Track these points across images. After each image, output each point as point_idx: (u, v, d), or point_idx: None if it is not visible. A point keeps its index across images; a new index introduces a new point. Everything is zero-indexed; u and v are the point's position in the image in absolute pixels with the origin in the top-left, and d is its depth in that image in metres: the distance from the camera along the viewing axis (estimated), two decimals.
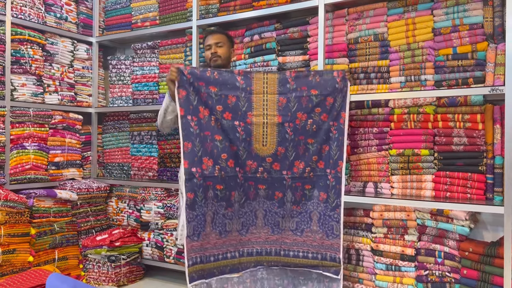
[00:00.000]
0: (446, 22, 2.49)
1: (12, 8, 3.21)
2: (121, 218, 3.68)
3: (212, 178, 2.42)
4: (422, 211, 2.52)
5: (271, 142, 2.49)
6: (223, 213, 2.47)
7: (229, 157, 2.45)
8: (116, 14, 3.84)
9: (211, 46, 2.68)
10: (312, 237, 2.54)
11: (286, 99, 2.49)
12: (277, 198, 2.54)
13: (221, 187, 2.44)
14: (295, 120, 2.49)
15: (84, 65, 3.83)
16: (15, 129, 3.22)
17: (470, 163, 2.42)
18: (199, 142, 2.39)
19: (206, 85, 2.42)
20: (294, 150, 2.51)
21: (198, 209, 2.37)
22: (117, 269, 3.21)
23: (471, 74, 2.41)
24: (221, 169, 2.44)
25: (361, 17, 2.75)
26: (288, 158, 2.51)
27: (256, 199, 2.55)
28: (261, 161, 2.50)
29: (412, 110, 2.58)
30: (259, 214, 2.56)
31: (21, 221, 2.92)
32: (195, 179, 2.36)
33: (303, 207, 2.56)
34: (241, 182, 2.50)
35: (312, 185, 2.54)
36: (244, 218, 2.54)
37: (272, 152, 2.50)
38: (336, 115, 2.51)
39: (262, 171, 2.52)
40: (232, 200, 2.49)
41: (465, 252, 2.33)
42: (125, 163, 3.81)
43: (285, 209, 2.55)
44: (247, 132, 2.47)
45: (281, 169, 2.52)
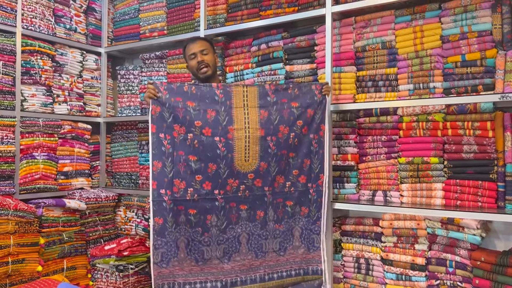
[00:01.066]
0: (455, 29, 2.48)
1: (22, 20, 3.25)
2: (129, 227, 3.68)
3: (184, 201, 2.29)
4: (432, 219, 2.49)
5: (254, 157, 2.39)
6: (199, 240, 2.34)
7: (205, 178, 2.32)
8: (125, 25, 3.88)
9: (196, 55, 2.58)
10: (294, 253, 2.51)
11: (267, 112, 2.41)
12: (259, 218, 2.44)
13: (194, 211, 2.31)
14: (277, 133, 2.42)
15: (93, 75, 3.87)
16: (25, 139, 3.25)
17: (480, 171, 2.39)
18: (170, 163, 2.26)
19: (183, 101, 2.30)
20: (276, 164, 2.43)
21: (168, 235, 2.24)
22: (125, 279, 3.20)
23: (480, 82, 2.39)
24: (195, 192, 2.31)
25: (369, 25, 2.75)
26: (271, 173, 2.43)
27: (239, 223, 2.42)
28: (243, 178, 2.39)
29: (421, 118, 2.56)
30: (243, 239, 2.44)
31: (30, 231, 2.93)
32: (164, 202, 2.23)
33: (285, 225, 2.50)
34: (221, 204, 2.37)
35: (294, 201, 2.49)
36: (225, 245, 2.40)
37: (255, 168, 2.40)
38: (316, 128, 2.49)
39: (244, 189, 2.40)
40: (208, 224, 2.35)
41: (477, 262, 2.30)
42: (133, 172, 3.82)
43: (267, 230, 2.47)
44: (228, 148, 2.34)
45: (263, 185, 2.43)
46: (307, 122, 2.48)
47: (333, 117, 2.79)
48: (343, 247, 2.78)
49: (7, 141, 3.11)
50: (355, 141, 2.79)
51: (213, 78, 2.64)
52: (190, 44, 2.63)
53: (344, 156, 2.80)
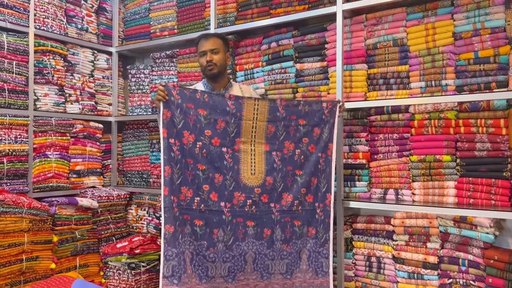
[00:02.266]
0: (467, 26, 2.46)
1: (35, 20, 3.29)
2: (141, 225, 3.70)
3: (190, 210, 2.21)
4: (444, 218, 2.48)
5: (259, 171, 2.36)
6: (204, 254, 2.23)
7: (211, 188, 2.27)
8: (135, 24, 3.90)
9: (206, 53, 2.53)
10: (301, 277, 2.41)
11: (274, 127, 2.40)
12: (266, 237, 2.35)
13: (200, 223, 2.23)
14: (283, 149, 2.40)
15: (104, 74, 3.90)
16: (38, 138, 3.28)
17: (494, 169, 2.37)
18: (179, 169, 2.20)
19: (195, 108, 2.27)
20: (282, 181, 2.40)
21: (178, 246, 2.13)
22: (137, 276, 3.23)
23: (493, 79, 2.37)
24: (201, 201, 2.24)
25: (380, 22, 2.74)
26: (277, 189, 2.39)
27: (245, 240, 2.32)
28: (249, 192, 2.34)
29: (433, 116, 2.54)
30: (249, 258, 2.32)
31: (44, 229, 2.97)
32: (173, 209, 2.15)
33: (293, 246, 2.41)
34: (228, 218, 2.28)
35: (302, 221, 2.42)
36: (231, 263, 2.28)
37: (261, 182, 2.36)
38: (323, 147, 2.46)
39: (251, 204, 2.33)
40: (214, 238, 2.25)
41: (490, 260, 2.28)
42: (144, 171, 3.84)
43: (274, 250, 2.37)
44: (235, 160, 2.31)
45: (269, 201, 2.37)
46: (313, 140, 2.45)
47: (344, 116, 2.79)
48: (354, 245, 2.77)
49: (21, 141, 3.15)
50: (366, 140, 2.77)
51: (220, 77, 2.62)
52: (203, 40, 2.58)
53: (355, 154, 2.79)
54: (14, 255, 2.77)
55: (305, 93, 2.99)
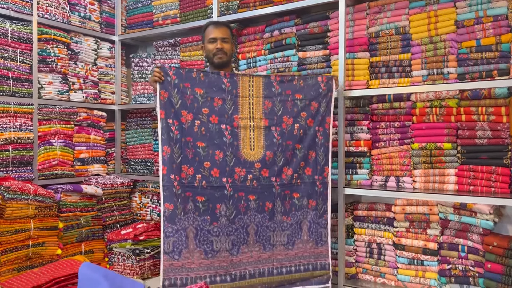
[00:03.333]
0: (469, 14, 2.46)
1: (38, 8, 3.30)
2: (145, 212, 3.75)
3: (192, 188, 2.25)
4: (445, 205, 2.51)
5: (259, 146, 2.40)
6: (208, 229, 2.28)
7: (213, 165, 2.31)
8: (138, 13, 3.90)
9: (216, 40, 2.54)
10: (303, 247, 2.49)
11: (271, 103, 2.44)
12: (268, 210, 2.42)
13: (202, 199, 2.27)
14: (281, 124, 2.43)
15: (107, 63, 3.91)
16: (42, 126, 3.32)
17: (494, 156, 2.39)
18: (178, 149, 2.24)
19: (191, 87, 2.30)
20: (282, 155, 2.43)
21: (178, 223, 2.18)
22: (142, 262, 3.28)
23: (495, 67, 2.38)
24: (203, 178, 2.28)
25: (382, 10, 2.74)
26: (277, 164, 2.43)
27: (247, 213, 2.38)
28: (249, 167, 2.38)
29: (434, 104, 2.56)
30: (251, 230, 2.39)
31: (50, 215, 3.01)
32: (173, 187, 2.20)
33: (293, 217, 2.47)
34: (230, 193, 2.34)
35: (301, 193, 2.48)
36: (234, 236, 2.34)
37: (261, 157, 2.40)
38: (321, 121, 2.50)
39: (251, 178, 2.38)
40: (217, 213, 2.30)
41: (489, 246, 2.32)
42: (148, 159, 3.88)
43: (275, 221, 2.44)
44: (234, 136, 2.35)
45: (270, 175, 2.42)
46: (311, 114, 2.49)
47: (346, 104, 2.80)
48: (355, 232, 2.81)
49: (26, 128, 3.18)
50: (368, 128, 2.80)
51: (226, 66, 2.64)
52: (213, 28, 2.57)
53: (357, 142, 2.81)
54: (20, 241, 2.82)
55: None
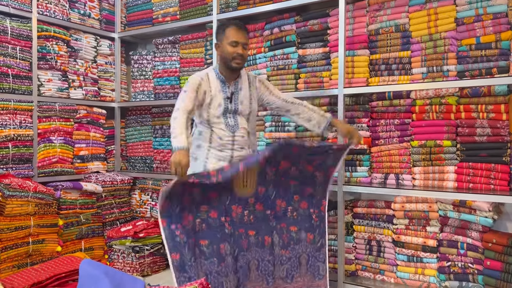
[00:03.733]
0: (469, 11, 2.46)
1: (38, 5, 3.29)
2: (144, 210, 3.76)
3: (194, 233, 2.17)
4: (444, 202, 2.51)
5: (251, 185, 2.33)
6: (217, 271, 2.19)
7: (210, 208, 2.24)
8: (138, 10, 3.90)
9: (238, 44, 2.36)
10: (301, 281, 2.43)
11: (264, 189, 2.37)
12: (268, 244, 2.36)
13: (205, 242, 2.19)
14: (278, 166, 2.36)
15: (107, 60, 3.91)
16: (42, 123, 3.32)
17: (493, 154, 2.40)
18: (188, 251, 2.12)
19: (189, 188, 2.17)
20: (274, 189, 2.38)
21: (190, 270, 2.09)
22: (141, 260, 3.29)
23: (495, 64, 2.39)
24: (202, 222, 2.21)
25: (382, 8, 2.74)
26: (270, 197, 2.38)
27: (250, 249, 2.32)
28: (244, 203, 2.32)
29: (434, 101, 2.56)
30: (252, 266, 2.32)
31: (49, 212, 3.01)
32: (177, 237, 2.09)
33: (292, 251, 2.41)
34: (230, 231, 2.26)
35: (298, 226, 2.42)
36: (240, 273, 2.28)
37: (253, 192, 2.33)
38: (322, 168, 2.40)
39: (248, 214, 2.33)
40: (222, 254, 2.21)
41: (489, 243, 2.32)
42: (147, 156, 3.88)
43: (275, 256, 2.38)
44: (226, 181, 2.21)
45: (265, 208, 2.37)
46: (311, 161, 2.39)
47: (346, 101, 2.80)
48: (355, 229, 2.82)
49: (25, 126, 3.18)
50: (368, 125, 2.80)
51: (239, 71, 2.48)
52: (237, 31, 2.38)
53: None
54: (20, 238, 2.82)
55: (307, 79, 3.00)
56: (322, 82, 2.94)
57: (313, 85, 2.97)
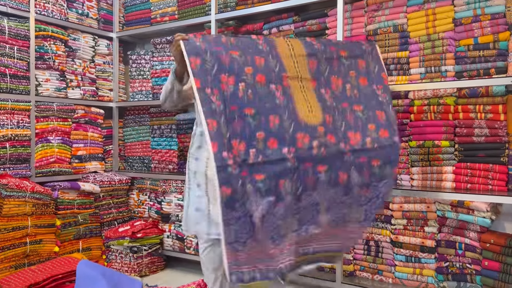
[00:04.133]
0: (467, 12, 2.47)
1: (35, 5, 3.28)
2: (143, 210, 3.75)
3: (247, 166, 1.76)
4: (442, 202, 2.51)
5: (316, 108, 1.94)
6: (273, 212, 1.81)
7: (268, 135, 1.82)
8: (136, 10, 3.89)
9: None
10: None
11: (316, 61, 2.04)
12: (343, 182, 1.93)
13: (261, 177, 1.78)
14: (331, 85, 2.05)
15: (105, 60, 3.90)
16: (39, 123, 3.31)
17: (491, 154, 2.40)
18: (224, 123, 1.76)
19: (225, 50, 1.88)
20: (342, 118, 2.01)
21: (240, 208, 1.74)
22: (139, 260, 3.28)
23: (492, 65, 2.39)
24: (258, 153, 1.79)
25: (380, 8, 2.74)
26: (340, 129, 1.99)
27: (317, 188, 1.89)
28: (313, 132, 1.89)
29: (432, 102, 2.56)
30: (321, 209, 1.92)
31: (47, 212, 3.01)
32: (229, 167, 1.71)
33: (374, 191, 2.03)
34: (293, 165, 1.83)
35: (382, 160, 2.01)
36: (300, 214, 1.89)
37: (321, 120, 1.93)
38: (375, 78, 2.15)
39: (318, 145, 1.88)
40: (281, 191, 1.81)
41: (487, 244, 2.33)
42: (145, 156, 3.87)
43: (352, 196, 1.98)
44: (287, 97, 1.90)
45: (338, 141, 1.95)
46: (361, 73, 2.14)
47: None
48: None
49: (23, 125, 3.18)
50: None
51: None
52: None
53: None
54: (18, 238, 2.82)
55: None
56: None
57: None
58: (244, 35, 2.10)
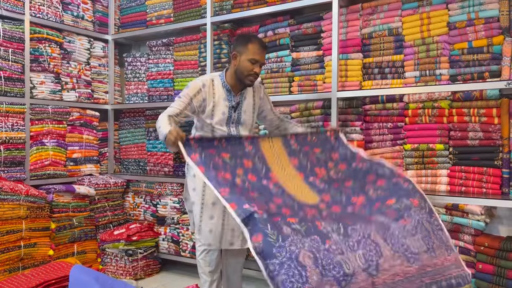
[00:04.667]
0: (462, 16, 2.48)
1: (30, 7, 3.28)
2: (138, 212, 3.74)
3: (275, 214, 1.68)
4: (437, 205, 2.52)
5: (310, 193, 2.01)
6: (326, 248, 1.60)
7: (279, 207, 1.80)
8: (131, 12, 3.89)
9: (257, 63, 2.31)
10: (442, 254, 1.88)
11: (297, 159, 2.21)
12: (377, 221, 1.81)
13: (295, 220, 1.67)
14: (316, 175, 2.15)
15: (100, 62, 3.90)
16: (34, 126, 3.30)
17: (485, 158, 2.41)
18: (237, 190, 1.80)
19: (217, 153, 2.00)
20: (339, 193, 2.02)
21: (280, 253, 1.54)
22: (134, 263, 3.28)
23: (486, 68, 2.40)
24: (281, 206, 1.80)
25: (375, 12, 2.75)
26: (341, 199, 1.99)
27: (358, 221, 1.78)
28: (316, 208, 1.89)
29: (427, 105, 2.57)
30: (377, 237, 1.73)
31: (42, 216, 2.99)
32: (255, 213, 1.62)
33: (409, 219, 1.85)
34: (323, 212, 1.85)
35: (395, 196, 1.92)
36: (363, 249, 1.67)
37: (319, 200, 1.97)
38: (351, 158, 2.22)
39: (328, 214, 1.84)
40: (322, 230, 1.67)
41: (481, 247, 2.33)
42: (141, 159, 3.87)
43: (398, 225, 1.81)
44: (281, 188, 1.96)
45: (343, 208, 1.93)
46: (338, 161, 2.25)
47: (339, 104, 2.81)
48: None
49: (18, 128, 3.16)
50: (361, 128, 2.80)
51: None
52: (260, 48, 2.32)
53: (350, 143, 2.81)
54: (12, 242, 2.80)
55: (301, 82, 3.00)
56: (316, 86, 2.94)
57: (307, 88, 2.97)
58: (233, 137, 2.23)
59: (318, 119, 2.91)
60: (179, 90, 3.56)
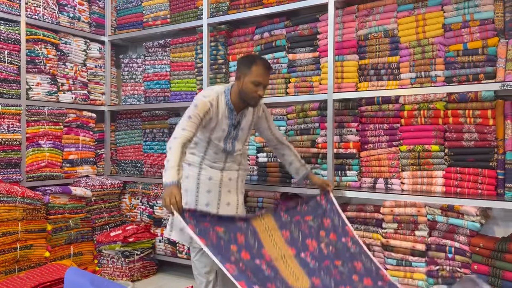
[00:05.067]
0: (457, 17, 2.49)
1: (26, 8, 3.27)
2: (135, 214, 3.74)
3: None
4: (432, 206, 2.53)
5: (301, 275, 2.15)
6: None
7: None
8: (128, 13, 3.89)
9: (261, 86, 2.30)
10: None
11: (288, 232, 2.30)
12: None
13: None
14: (308, 248, 2.27)
15: (96, 64, 3.89)
16: (30, 127, 3.29)
17: (481, 159, 2.42)
18: (242, 264, 1.97)
19: (211, 226, 2.08)
20: (329, 277, 2.18)
21: None
22: (131, 264, 3.27)
23: (481, 70, 2.41)
24: None
25: (371, 13, 2.76)
26: (329, 285, 2.16)
27: None
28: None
29: (422, 107, 2.58)
30: None
31: (38, 217, 2.99)
32: None
33: None
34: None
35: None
36: None
37: (309, 285, 2.12)
38: (343, 232, 2.38)
39: None
40: None
41: (476, 248, 2.34)
42: (137, 160, 3.86)
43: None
44: (274, 270, 2.08)
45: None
46: (329, 230, 2.38)
47: (335, 106, 2.81)
48: None
49: (13, 130, 3.16)
50: (357, 130, 2.81)
51: None
52: (264, 71, 2.31)
53: (346, 144, 2.83)
54: (8, 244, 2.79)
55: (297, 83, 3.01)
56: (312, 87, 2.95)
57: (303, 89, 2.98)
58: (226, 216, 2.26)
59: (314, 120, 2.92)
60: (176, 92, 3.58)
